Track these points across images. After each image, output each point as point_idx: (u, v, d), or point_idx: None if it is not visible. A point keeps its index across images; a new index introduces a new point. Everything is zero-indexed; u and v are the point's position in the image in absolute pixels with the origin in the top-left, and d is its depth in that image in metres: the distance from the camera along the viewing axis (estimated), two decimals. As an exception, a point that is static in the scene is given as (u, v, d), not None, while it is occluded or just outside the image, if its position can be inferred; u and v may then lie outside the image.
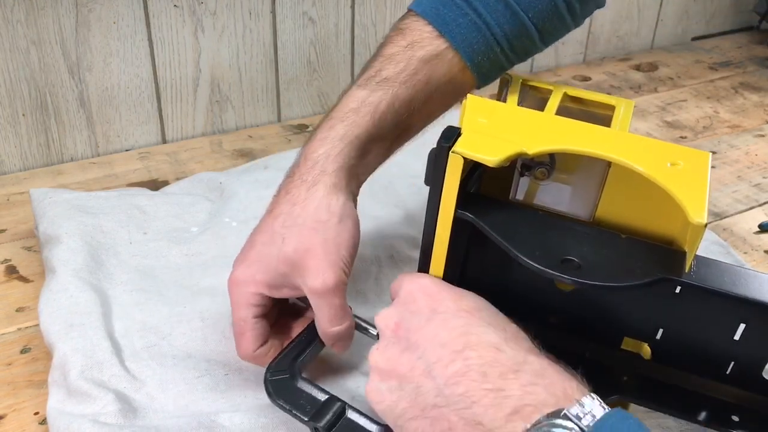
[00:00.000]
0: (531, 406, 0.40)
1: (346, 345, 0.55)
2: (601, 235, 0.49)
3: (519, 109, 0.53)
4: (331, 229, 0.53)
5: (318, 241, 0.52)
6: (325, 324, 0.53)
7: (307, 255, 0.52)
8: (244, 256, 0.55)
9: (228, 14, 0.92)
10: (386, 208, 0.81)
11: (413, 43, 0.58)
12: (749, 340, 0.49)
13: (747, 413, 0.50)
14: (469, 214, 0.48)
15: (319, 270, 0.52)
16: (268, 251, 0.53)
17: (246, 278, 0.54)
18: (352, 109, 0.57)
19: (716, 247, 0.79)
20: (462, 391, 0.41)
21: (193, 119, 0.97)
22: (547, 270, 0.45)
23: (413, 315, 0.47)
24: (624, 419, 0.38)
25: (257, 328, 0.55)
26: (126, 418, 0.53)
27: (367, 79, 0.58)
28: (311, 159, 0.55)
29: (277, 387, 0.52)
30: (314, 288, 0.52)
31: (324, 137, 0.56)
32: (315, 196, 0.54)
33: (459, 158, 0.45)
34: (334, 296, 0.52)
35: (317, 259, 0.52)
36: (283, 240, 0.53)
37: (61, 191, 0.77)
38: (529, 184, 0.54)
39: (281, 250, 0.53)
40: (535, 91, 0.60)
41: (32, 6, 0.80)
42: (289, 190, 0.55)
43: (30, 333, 0.64)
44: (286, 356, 0.54)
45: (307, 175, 0.55)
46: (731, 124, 1.09)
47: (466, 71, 0.59)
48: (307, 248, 0.52)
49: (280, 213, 0.54)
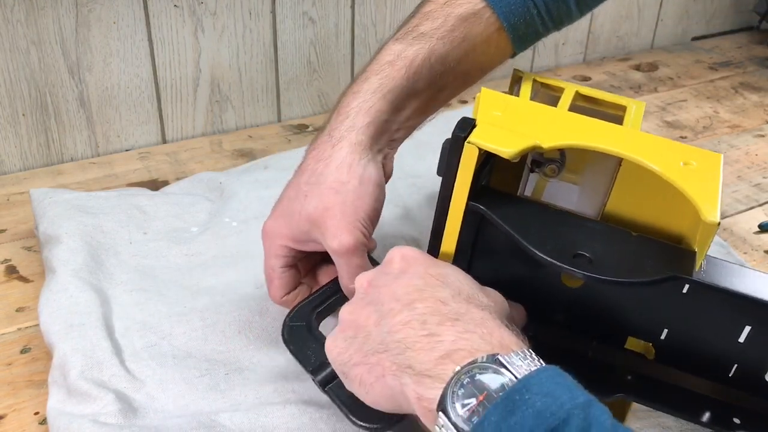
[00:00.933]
0: (464, 350, 0.40)
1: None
2: (612, 232, 0.49)
3: (533, 103, 0.53)
4: (350, 191, 0.53)
5: (337, 201, 0.53)
6: (345, 281, 0.55)
7: (326, 214, 0.53)
8: (275, 208, 0.57)
9: (228, 14, 0.92)
10: (387, 208, 0.80)
11: (451, 1, 0.58)
12: (754, 343, 0.49)
13: (749, 415, 0.50)
14: (481, 206, 0.48)
15: (337, 231, 0.53)
16: (293, 207, 0.55)
17: (273, 230, 0.56)
18: (388, 62, 0.57)
19: (716, 247, 0.79)
20: (400, 337, 0.42)
21: (193, 119, 0.96)
22: (558, 263, 0.45)
23: (385, 275, 0.48)
24: (558, 375, 0.38)
25: (284, 277, 0.57)
26: (126, 418, 0.53)
27: (404, 34, 0.58)
28: (343, 113, 0.56)
29: (292, 333, 0.53)
30: (332, 247, 0.53)
31: (357, 90, 0.56)
32: (338, 155, 0.54)
33: (474, 148, 0.45)
34: (352, 256, 0.53)
35: (335, 219, 0.53)
36: (306, 197, 0.54)
37: (61, 191, 0.77)
38: (538, 180, 0.54)
39: (303, 207, 0.54)
40: (546, 88, 0.60)
41: (32, 6, 0.80)
42: (317, 145, 0.56)
43: (30, 333, 0.64)
44: (308, 305, 0.55)
45: (336, 130, 0.55)
46: (731, 124, 1.09)
47: (502, 32, 0.59)
48: (326, 207, 0.53)
49: (306, 169, 0.56)
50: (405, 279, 0.46)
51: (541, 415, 0.35)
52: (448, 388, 0.38)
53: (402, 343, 0.42)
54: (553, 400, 0.36)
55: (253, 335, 0.62)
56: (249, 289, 0.68)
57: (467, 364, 0.39)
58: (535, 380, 0.37)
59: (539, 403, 0.36)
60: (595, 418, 0.36)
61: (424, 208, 0.81)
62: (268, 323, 0.64)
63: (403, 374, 0.41)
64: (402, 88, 0.57)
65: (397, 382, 0.41)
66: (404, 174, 0.86)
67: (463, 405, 0.38)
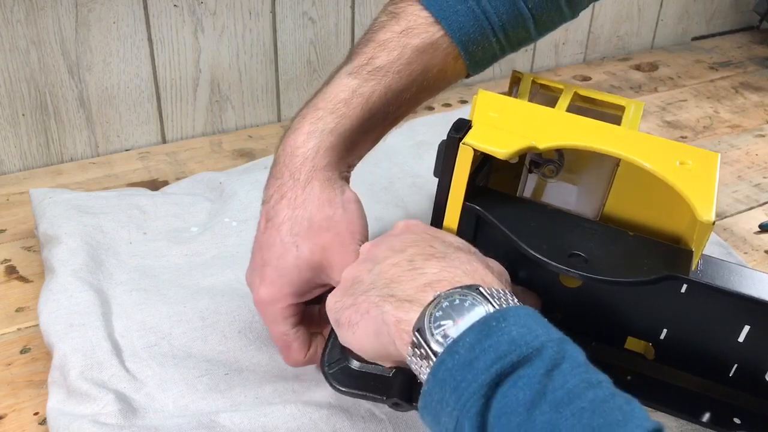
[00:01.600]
0: (446, 281, 0.42)
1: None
2: (608, 232, 0.49)
3: (530, 104, 0.53)
4: (339, 221, 0.52)
5: (331, 236, 0.52)
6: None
7: (326, 254, 0.52)
8: (262, 276, 0.53)
9: (228, 14, 0.92)
10: (387, 208, 0.81)
11: (408, 30, 0.56)
12: (753, 343, 0.49)
13: (749, 415, 0.50)
14: (477, 206, 0.48)
15: (343, 264, 0.51)
16: (285, 263, 0.52)
17: (273, 296, 0.53)
18: (343, 99, 0.54)
19: (717, 247, 0.79)
20: (388, 276, 0.44)
21: (193, 119, 0.96)
22: (554, 264, 0.45)
23: (386, 236, 0.49)
24: (537, 315, 0.39)
25: (300, 336, 0.55)
26: (126, 418, 0.53)
27: (358, 67, 0.56)
28: (299, 155, 0.53)
29: (339, 377, 0.51)
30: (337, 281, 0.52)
31: (312, 131, 0.54)
32: (313, 194, 0.53)
33: (469, 150, 0.45)
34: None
35: (338, 254, 0.52)
36: (297, 247, 0.52)
37: (61, 191, 0.77)
38: (537, 181, 0.54)
39: (298, 257, 0.52)
40: (545, 89, 0.60)
41: (32, 6, 0.80)
42: (284, 193, 0.53)
43: (30, 333, 0.64)
44: (335, 346, 0.53)
45: (298, 173, 0.53)
46: (731, 124, 1.09)
47: (459, 60, 0.57)
48: (323, 247, 0.52)
49: (283, 221, 0.53)
50: (403, 236, 0.48)
51: (515, 342, 0.36)
52: (426, 309, 0.40)
53: (389, 279, 0.44)
54: (528, 331, 0.37)
55: (253, 335, 0.62)
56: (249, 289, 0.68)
57: (448, 290, 0.40)
58: (513, 312, 0.38)
59: (515, 332, 0.37)
60: (569, 353, 0.36)
61: (425, 207, 0.81)
62: (268, 323, 0.64)
63: (385, 303, 0.42)
64: (359, 127, 0.55)
65: (379, 311, 0.42)
66: (404, 174, 0.86)
67: (438, 326, 0.39)
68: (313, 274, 0.52)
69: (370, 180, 0.84)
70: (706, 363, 0.51)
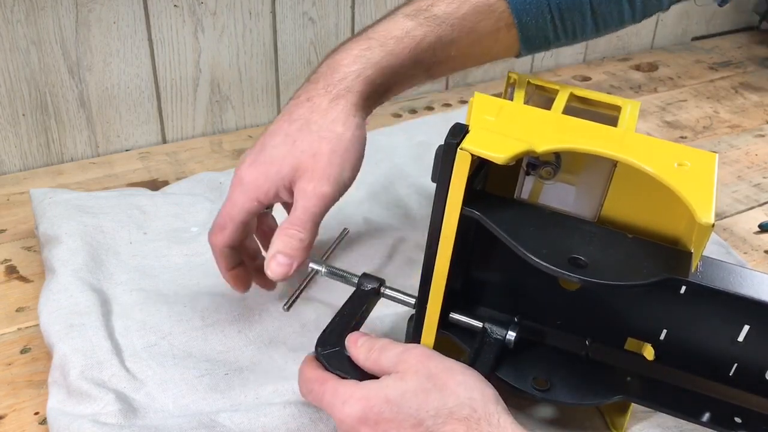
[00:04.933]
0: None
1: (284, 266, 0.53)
2: (607, 235, 0.49)
3: (526, 107, 0.53)
4: (342, 143, 0.53)
5: (327, 149, 0.53)
6: (287, 225, 0.53)
7: (312, 159, 0.53)
8: (253, 155, 0.55)
9: (228, 14, 0.92)
10: (387, 209, 0.81)
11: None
12: (753, 342, 0.49)
13: (750, 415, 0.50)
14: (475, 211, 0.48)
15: (320, 176, 0.52)
16: (277, 152, 0.54)
17: (251, 180, 0.54)
18: (395, 37, 0.56)
19: (716, 247, 0.79)
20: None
21: (193, 119, 0.96)
22: (553, 268, 0.45)
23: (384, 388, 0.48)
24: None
25: (238, 232, 0.56)
26: (126, 418, 0.53)
27: (416, 11, 0.57)
28: (341, 72, 0.55)
29: (330, 359, 0.52)
30: (305, 190, 0.52)
31: (359, 55, 0.56)
32: (335, 109, 0.54)
33: (467, 155, 0.45)
34: (318, 206, 0.53)
35: (321, 164, 0.53)
36: (294, 143, 0.53)
37: (61, 191, 0.77)
38: (534, 183, 0.54)
39: (290, 152, 0.53)
40: (541, 90, 0.60)
41: (32, 6, 0.80)
42: (311, 97, 0.55)
43: (30, 333, 0.64)
44: (333, 331, 0.54)
45: (333, 87, 0.55)
46: (731, 124, 1.09)
47: (512, 30, 0.59)
48: (315, 153, 0.53)
49: (297, 118, 0.55)
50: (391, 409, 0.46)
51: None
52: None
53: None
54: None
55: (253, 335, 0.63)
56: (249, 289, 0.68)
57: None
58: None
59: None
60: None
61: (425, 208, 0.81)
62: (268, 323, 0.64)
63: None
64: (402, 67, 0.56)
65: None
66: (404, 174, 0.86)
67: None
68: (291, 173, 0.53)
69: (369, 180, 0.84)
70: (706, 363, 0.51)
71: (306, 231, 0.53)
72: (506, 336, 0.54)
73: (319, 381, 0.50)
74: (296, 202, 0.53)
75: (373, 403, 0.46)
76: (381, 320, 0.64)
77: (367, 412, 0.46)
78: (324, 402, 0.49)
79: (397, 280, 0.60)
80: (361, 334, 0.53)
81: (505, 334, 0.54)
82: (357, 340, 0.52)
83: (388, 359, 0.49)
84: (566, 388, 0.53)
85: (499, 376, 0.53)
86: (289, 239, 0.53)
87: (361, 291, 0.58)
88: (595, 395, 0.53)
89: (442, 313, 0.52)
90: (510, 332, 0.54)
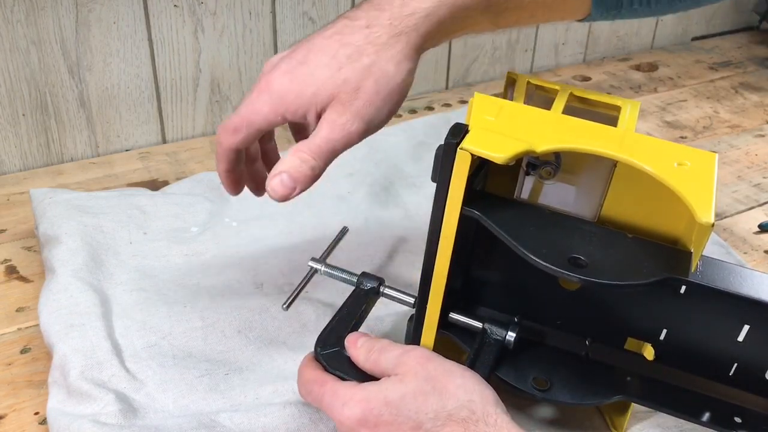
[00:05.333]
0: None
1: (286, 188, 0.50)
2: (607, 234, 0.49)
3: (526, 107, 0.53)
4: (389, 86, 0.50)
5: (371, 88, 0.50)
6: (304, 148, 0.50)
7: (353, 92, 0.49)
8: (292, 68, 0.51)
9: (228, 14, 0.92)
10: (387, 209, 0.81)
11: None
12: (753, 342, 0.49)
13: (749, 415, 0.50)
14: (475, 211, 0.48)
15: (351, 111, 0.49)
16: (320, 74, 0.50)
17: (281, 92, 0.51)
18: None
19: (716, 247, 0.79)
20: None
21: (193, 119, 0.96)
22: (554, 267, 0.45)
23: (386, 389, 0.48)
24: None
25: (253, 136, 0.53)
26: (126, 418, 0.53)
27: None
28: (411, 6, 0.51)
29: (330, 359, 0.52)
30: (334, 120, 0.49)
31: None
32: (394, 48, 0.50)
33: (467, 155, 0.45)
34: (340, 140, 0.50)
35: (359, 101, 0.49)
36: (340, 69, 0.50)
37: (61, 191, 0.77)
38: (534, 183, 0.54)
39: (333, 76, 0.50)
40: (541, 90, 0.60)
41: (32, 6, 0.80)
42: (372, 25, 0.51)
43: (30, 333, 0.64)
44: (332, 331, 0.55)
45: (399, 21, 0.51)
46: (731, 124, 1.09)
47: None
48: (358, 87, 0.50)
49: (351, 43, 0.50)
50: (392, 410, 0.47)
51: None
52: None
53: None
54: None
55: (253, 335, 0.63)
56: (249, 289, 0.68)
57: None
58: None
59: None
60: None
61: (424, 208, 0.81)
62: (268, 323, 0.64)
63: None
64: (474, 10, 0.53)
65: None
66: (404, 174, 0.86)
67: None
68: (325, 100, 0.50)
69: (369, 181, 0.84)
70: (706, 362, 0.51)
71: (320, 161, 0.50)
72: (506, 336, 0.54)
73: (318, 382, 0.50)
74: (320, 128, 0.50)
75: (372, 405, 0.46)
76: (381, 320, 0.64)
77: (367, 414, 0.46)
78: (323, 403, 0.49)
79: (397, 280, 0.60)
80: (361, 334, 0.53)
81: (504, 334, 0.54)
82: (357, 341, 0.52)
83: (388, 361, 0.49)
84: (566, 388, 0.53)
85: (499, 376, 0.53)
86: (300, 163, 0.50)
87: (361, 290, 0.58)
88: (595, 395, 0.53)
89: (441, 313, 0.52)
90: (510, 332, 0.54)
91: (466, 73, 1.17)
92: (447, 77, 1.15)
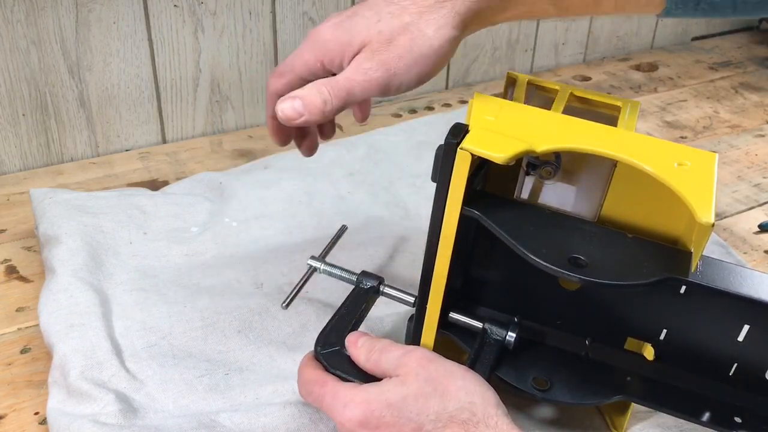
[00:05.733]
0: None
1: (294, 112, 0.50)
2: (607, 234, 0.49)
3: (526, 107, 0.53)
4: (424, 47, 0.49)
5: (406, 44, 0.49)
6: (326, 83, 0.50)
7: (385, 43, 0.49)
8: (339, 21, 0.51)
9: (228, 14, 0.92)
10: (387, 208, 0.81)
11: None
12: (753, 342, 0.49)
13: (749, 414, 0.50)
14: (475, 211, 0.48)
15: (379, 60, 0.49)
16: (360, 24, 0.50)
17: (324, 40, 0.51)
18: None
19: (716, 247, 0.79)
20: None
21: (193, 119, 0.96)
22: (554, 267, 0.45)
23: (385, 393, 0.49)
24: None
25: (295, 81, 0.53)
26: (126, 418, 0.53)
27: None
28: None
29: (330, 359, 0.52)
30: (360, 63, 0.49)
31: None
32: (438, 12, 0.50)
33: (467, 155, 0.45)
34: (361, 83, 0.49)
35: (389, 54, 0.49)
36: (378, 21, 0.49)
37: (61, 191, 0.77)
38: (534, 183, 0.54)
39: (369, 26, 0.50)
40: (541, 90, 0.60)
41: (32, 6, 0.80)
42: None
43: (30, 333, 0.64)
44: (333, 330, 0.55)
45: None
46: (731, 124, 1.09)
47: None
48: (391, 39, 0.49)
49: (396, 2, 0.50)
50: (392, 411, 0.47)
51: None
52: None
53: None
54: None
55: (253, 335, 0.63)
56: (249, 289, 0.68)
57: None
58: None
59: None
60: None
61: (424, 207, 0.81)
62: (268, 323, 0.64)
63: None
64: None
65: None
66: (404, 174, 0.86)
67: None
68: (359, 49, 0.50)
69: (369, 180, 0.84)
70: (706, 362, 0.51)
71: (336, 99, 0.50)
72: (506, 336, 0.54)
73: (319, 383, 0.50)
74: (345, 70, 0.50)
75: (374, 406, 0.46)
76: (381, 320, 0.64)
77: (368, 416, 0.46)
78: (324, 404, 0.49)
79: (396, 280, 0.60)
80: (361, 333, 0.53)
81: (505, 334, 0.54)
82: (357, 341, 0.52)
83: (389, 361, 0.49)
84: (566, 388, 0.53)
85: (499, 376, 0.53)
86: (318, 94, 0.50)
87: (360, 289, 0.58)
88: (595, 395, 0.53)
89: (441, 312, 0.52)
90: (510, 332, 0.54)
91: (466, 73, 1.17)
92: (447, 77, 1.15)
